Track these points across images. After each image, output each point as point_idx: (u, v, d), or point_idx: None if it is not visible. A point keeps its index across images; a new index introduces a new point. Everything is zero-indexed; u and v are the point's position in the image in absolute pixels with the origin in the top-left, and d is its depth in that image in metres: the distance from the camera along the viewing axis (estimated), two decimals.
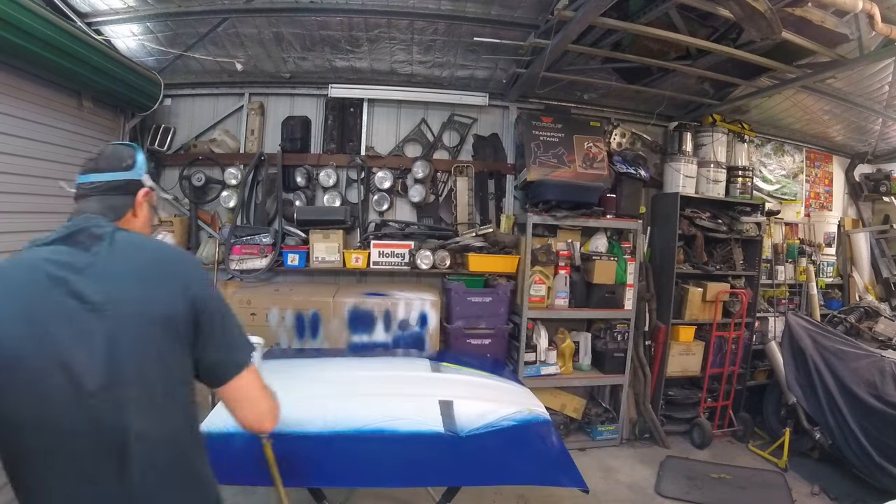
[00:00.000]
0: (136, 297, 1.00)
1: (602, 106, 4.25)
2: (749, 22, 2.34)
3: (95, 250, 1.01)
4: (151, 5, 2.97)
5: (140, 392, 0.99)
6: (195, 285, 1.08)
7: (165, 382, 1.03)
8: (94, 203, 1.13)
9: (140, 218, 1.20)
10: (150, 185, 1.23)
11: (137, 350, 0.98)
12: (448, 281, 3.69)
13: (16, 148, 2.55)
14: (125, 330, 0.97)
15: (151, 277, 1.04)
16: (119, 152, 1.21)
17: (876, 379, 3.03)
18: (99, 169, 1.17)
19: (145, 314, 0.99)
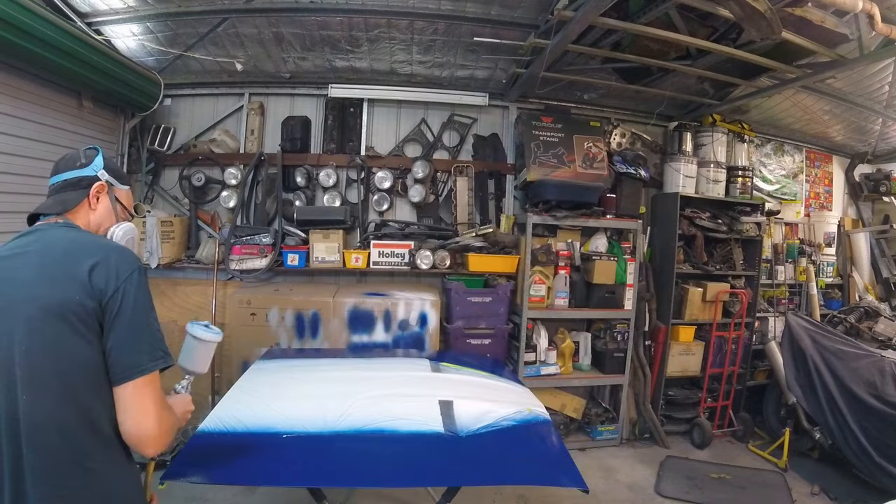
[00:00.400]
0: (30, 284, 1.05)
1: (602, 106, 4.25)
2: (749, 22, 2.34)
3: (28, 242, 1.12)
4: (151, 5, 2.97)
5: (28, 375, 1.02)
6: (104, 275, 1.07)
7: (57, 369, 1.03)
8: (50, 201, 1.26)
9: (98, 210, 1.30)
10: (106, 180, 1.31)
11: (25, 335, 1.02)
12: (448, 281, 3.69)
13: (16, 148, 2.55)
14: (16, 314, 1.03)
15: (55, 266, 1.07)
16: (76, 154, 1.31)
17: (876, 379, 3.03)
18: (58, 171, 1.29)
19: (37, 300, 1.03)
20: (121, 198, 1.37)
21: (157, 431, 1.10)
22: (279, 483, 1.65)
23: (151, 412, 1.09)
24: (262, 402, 2.02)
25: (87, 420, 1.06)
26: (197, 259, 3.65)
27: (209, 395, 3.46)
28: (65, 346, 1.03)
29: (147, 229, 3.45)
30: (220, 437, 1.77)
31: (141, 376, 1.08)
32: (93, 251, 1.11)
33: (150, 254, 3.47)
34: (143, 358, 1.10)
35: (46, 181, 1.30)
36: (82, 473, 1.05)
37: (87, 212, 1.28)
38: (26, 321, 1.02)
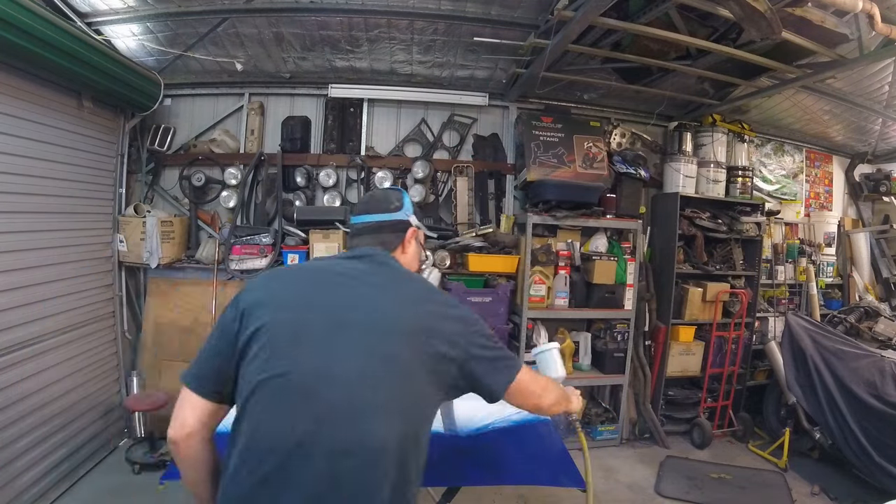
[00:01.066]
0: (394, 315, 1.07)
1: (602, 106, 4.25)
2: (749, 22, 2.34)
3: (377, 269, 1.16)
4: (151, 5, 2.97)
5: (384, 400, 1.00)
6: (456, 326, 1.11)
7: (407, 395, 1.03)
8: (367, 239, 1.28)
9: (409, 254, 1.31)
10: (416, 225, 1.34)
11: (386, 362, 1.02)
12: (448, 281, 3.68)
13: (16, 148, 2.55)
14: (378, 338, 1.03)
15: (419, 307, 1.11)
16: (387, 196, 1.35)
17: (876, 379, 3.03)
18: (369, 211, 1.31)
19: (402, 334, 1.05)
20: (422, 241, 1.42)
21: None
22: None
23: (535, 390, 1.29)
24: None
25: (420, 454, 1.07)
26: (197, 259, 3.65)
27: None
28: (415, 381, 1.04)
29: (147, 229, 3.45)
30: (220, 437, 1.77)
31: (515, 380, 1.19)
32: (440, 298, 1.18)
33: (150, 254, 3.47)
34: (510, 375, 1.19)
35: (46, 181, 1.29)
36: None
37: (400, 255, 1.29)
38: (386, 351, 1.02)
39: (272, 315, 1.03)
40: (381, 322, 1.04)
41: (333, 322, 1.03)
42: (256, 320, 1.03)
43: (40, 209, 2.76)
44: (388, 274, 1.17)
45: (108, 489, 2.91)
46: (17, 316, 2.58)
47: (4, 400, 2.47)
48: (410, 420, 1.02)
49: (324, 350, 1.00)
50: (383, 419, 0.97)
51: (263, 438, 0.96)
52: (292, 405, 0.96)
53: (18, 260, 2.59)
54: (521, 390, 1.21)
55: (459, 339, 1.09)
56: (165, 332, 3.64)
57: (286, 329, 1.02)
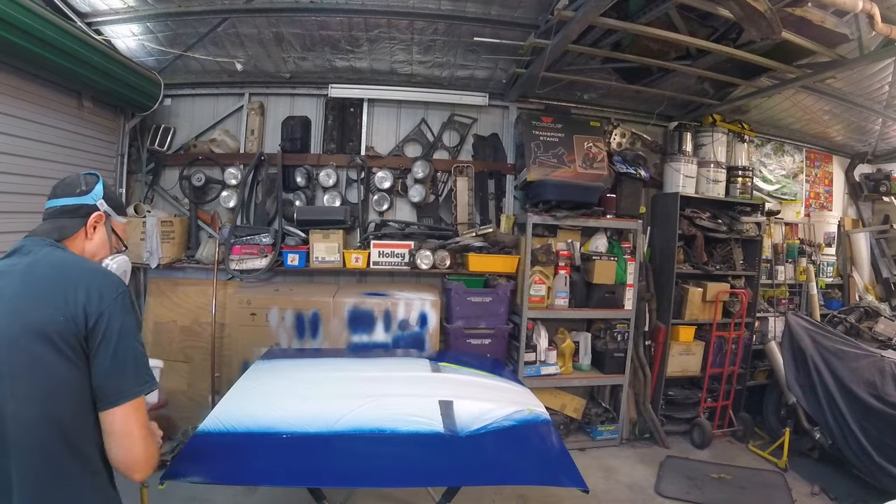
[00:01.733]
0: (13, 301, 1.04)
1: (602, 106, 4.25)
2: (749, 22, 2.34)
3: (14, 263, 1.12)
4: (151, 5, 2.97)
5: (11, 392, 1.00)
6: (88, 299, 1.06)
7: (39, 389, 1.01)
8: (46, 225, 1.26)
9: (95, 240, 1.30)
10: (104, 210, 1.31)
11: (7, 352, 1.01)
12: (448, 281, 3.69)
13: (16, 148, 2.55)
14: (8, 341, 1.01)
15: (39, 285, 1.07)
16: (75, 180, 1.31)
17: (876, 379, 3.03)
18: (55, 195, 1.29)
19: (20, 318, 1.02)
20: (117, 229, 1.38)
21: (144, 456, 1.09)
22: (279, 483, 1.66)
23: (138, 437, 1.08)
24: (262, 403, 2.02)
25: (68, 442, 1.03)
26: (197, 259, 3.65)
27: (209, 396, 3.45)
28: (47, 365, 1.01)
29: (147, 229, 3.45)
30: (220, 437, 1.77)
31: (127, 402, 1.07)
32: (78, 273, 1.11)
33: (150, 254, 3.47)
34: (129, 384, 1.08)
35: (46, 181, 1.31)
36: (61, 495, 1.03)
37: (82, 241, 1.28)
38: (8, 338, 1.01)
39: None
40: (12, 323, 1.02)
41: None
42: None
43: (40, 209, 2.74)
44: (33, 262, 1.12)
45: None
46: None
47: None
48: (45, 406, 1.01)
49: None
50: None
51: None
52: None
53: None
54: (127, 419, 1.07)
55: (90, 301, 1.05)
56: (165, 332, 3.64)
57: None
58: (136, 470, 1.09)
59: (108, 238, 1.34)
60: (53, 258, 1.15)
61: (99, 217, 1.30)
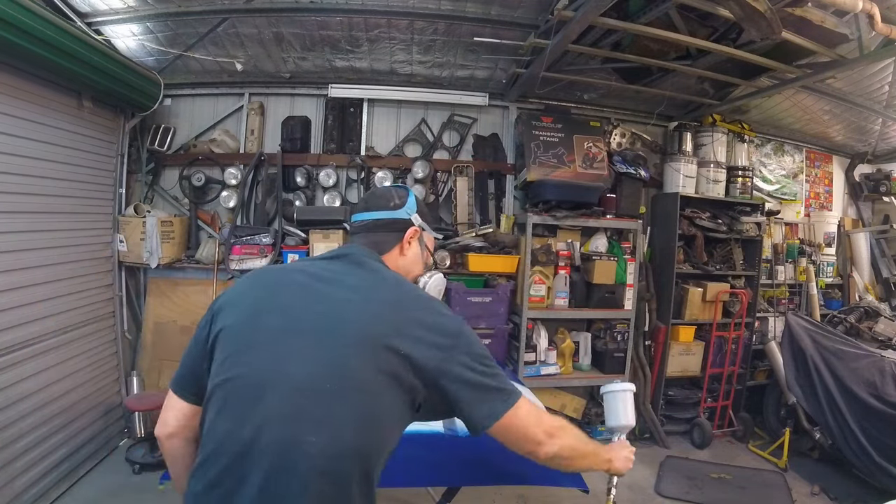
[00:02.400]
0: (361, 322, 0.98)
1: (602, 106, 4.25)
2: (749, 22, 2.34)
3: (352, 271, 1.08)
4: (151, 5, 2.97)
5: (324, 414, 0.92)
6: (432, 332, 1.00)
7: (359, 413, 0.94)
8: (360, 239, 1.22)
9: (408, 256, 1.24)
10: (419, 225, 1.26)
11: (340, 369, 0.94)
12: (448, 281, 3.68)
13: (16, 148, 2.55)
14: (339, 345, 0.95)
15: (389, 312, 1.00)
16: (388, 193, 1.27)
17: (876, 379, 3.03)
18: (368, 208, 1.25)
19: (366, 341, 0.95)
20: (428, 244, 1.32)
21: (544, 430, 1.10)
22: None
23: (531, 427, 1.09)
24: None
25: (364, 485, 0.96)
26: (197, 259, 3.65)
27: None
28: (376, 395, 0.95)
29: (147, 229, 3.45)
30: None
31: (502, 417, 1.05)
32: (423, 303, 1.05)
33: (150, 254, 3.47)
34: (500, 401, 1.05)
35: (46, 181, 1.28)
36: None
37: (396, 256, 1.22)
38: (342, 359, 0.94)
39: (233, 318, 1.02)
40: (339, 328, 0.96)
41: (289, 326, 0.98)
42: (220, 322, 1.02)
43: (40, 209, 2.75)
44: (363, 276, 1.07)
45: (107, 489, 2.91)
46: (17, 316, 2.57)
47: (4, 400, 2.47)
48: (359, 436, 0.93)
49: (275, 355, 0.95)
50: (320, 433, 0.90)
51: (213, 441, 0.94)
52: (241, 409, 0.93)
53: (18, 260, 2.59)
54: (513, 429, 1.06)
55: (433, 350, 0.97)
56: (165, 332, 3.64)
57: (242, 332, 1.00)
58: (544, 443, 1.09)
59: (422, 253, 1.28)
60: (397, 283, 1.10)
61: (415, 232, 1.25)
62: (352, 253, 1.13)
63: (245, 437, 0.90)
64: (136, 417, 3.40)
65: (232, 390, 0.96)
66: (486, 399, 1.03)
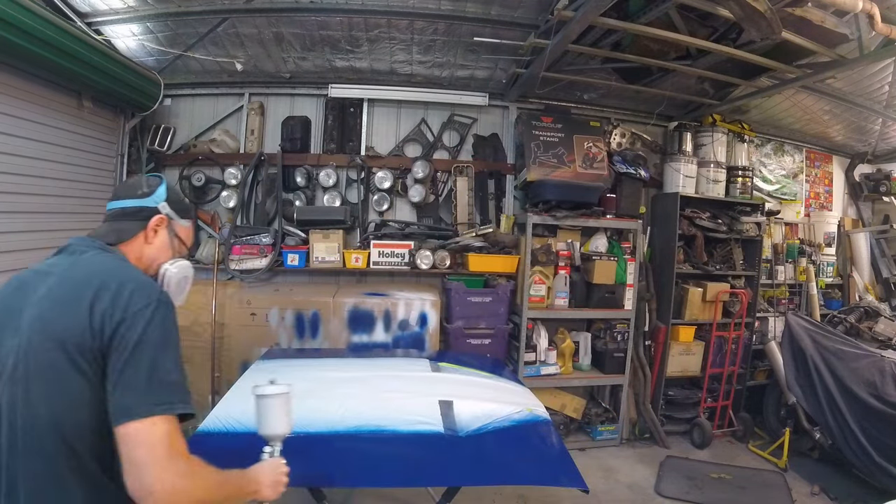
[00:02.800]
0: (42, 308, 0.99)
1: (602, 106, 4.25)
2: (749, 22, 2.34)
3: (56, 263, 1.09)
4: (151, 5, 2.97)
5: (24, 398, 0.95)
6: (114, 307, 0.97)
7: (47, 399, 0.94)
8: (104, 227, 1.21)
9: (155, 244, 1.25)
10: (166, 213, 1.26)
11: (24, 356, 0.96)
12: (448, 281, 3.68)
13: (16, 148, 2.55)
14: (24, 333, 0.98)
15: (68, 295, 1.00)
16: (138, 181, 1.28)
17: (876, 379, 3.03)
18: (116, 196, 1.25)
19: (41, 323, 0.98)
20: (180, 233, 1.32)
21: (159, 489, 0.91)
22: None
23: (147, 465, 0.91)
24: None
25: (72, 460, 0.95)
26: (197, 259, 3.65)
27: (209, 396, 3.45)
28: (60, 374, 0.95)
29: None
30: (220, 438, 1.77)
31: (130, 421, 0.92)
32: (112, 279, 1.02)
33: None
34: (137, 400, 0.94)
35: (46, 181, 1.30)
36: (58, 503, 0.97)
37: (141, 244, 1.22)
38: (28, 342, 0.97)
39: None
40: (35, 324, 0.98)
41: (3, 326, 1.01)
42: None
43: (40, 209, 2.75)
44: (72, 264, 1.07)
45: None
46: None
47: None
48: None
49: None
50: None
51: None
52: None
53: (18, 260, 2.58)
54: (134, 441, 0.92)
55: (113, 310, 0.97)
56: None
57: None
58: (150, 500, 0.92)
59: (171, 242, 1.29)
60: (94, 262, 1.09)
61: (160, 220, 1.25)
62: (70, 244, 1.14)
63: None
64: None
65: None
66: (140, 386, 0.97)
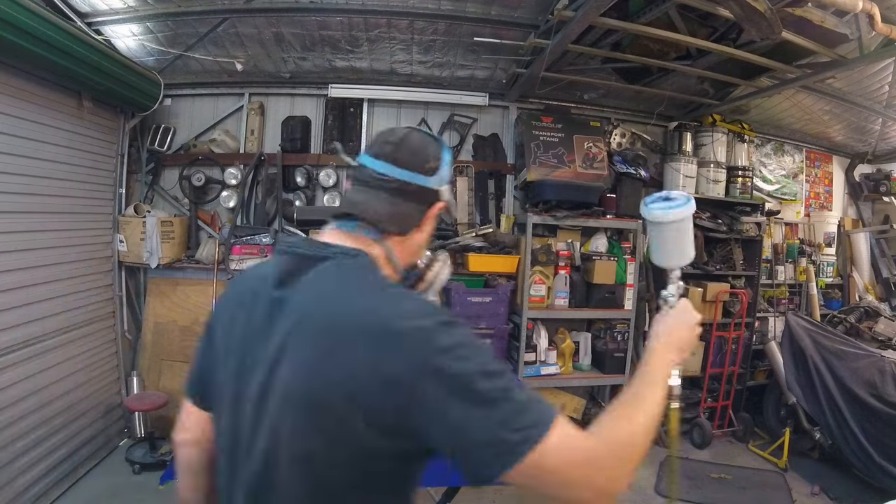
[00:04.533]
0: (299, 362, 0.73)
1: (602, 106, 4.25)
2: (749, 22, 2.34)
3: (299, 275, 0.84)
4: (151, 5, 2.96)
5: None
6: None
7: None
8: (375, 203, 0.87)
9: (416, 239, 0.92)
10: (447, 200, 0.94)
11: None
12: (448, 281, 3.68)
13: (16, 148, 2.55)
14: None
15: (327, 346, 0.72)
16: (426, 147, 0.93)
17: (876, 379, 3.03)
18: (397, 161, 0.87)
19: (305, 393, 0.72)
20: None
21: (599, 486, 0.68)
22: None
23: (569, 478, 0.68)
24: None
25: None
26: (197, 259, 3.65)
27: None
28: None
29: (147, 229, 3.45)
30: None
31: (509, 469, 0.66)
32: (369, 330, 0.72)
33: (150, 254, 3.47)
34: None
35: (46, 181, 1.25)
36: None
37: (398, 241, 0.89)
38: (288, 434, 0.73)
39: (215, 339, 0.92)
40: (281, 388, 0.73)
41: (238, 380, 0.81)
42: (211, 334, 0.94)
43: (40, 209, 2.76)
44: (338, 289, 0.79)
45: (107, 489, 2.91)
46: (17, 316, 2.57)
47: (4, 400, 2.47)
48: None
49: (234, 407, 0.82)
50: None
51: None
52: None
53: (18, 260, 2.59)
54: (545, 471, 0.66)
55: (415, 357, 0.68)
56: (165, 332, 3.64)
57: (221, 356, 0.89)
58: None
59: (428, 239, 0.97)
60: (353, 288, 0.79)
61: (440, 208, 0.94)
62: (347, 253, 0.87)
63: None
64: (136, 417, 3.40)
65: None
66: (498, 425, 0.69)
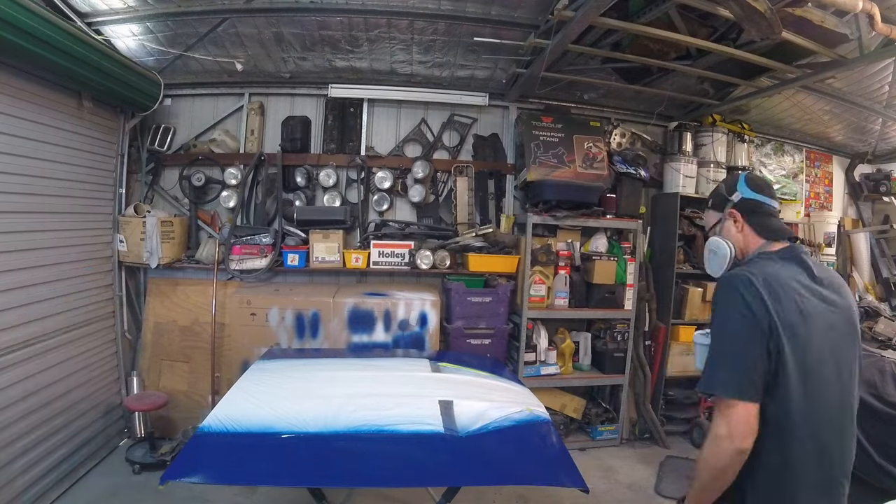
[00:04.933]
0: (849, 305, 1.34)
1: (602, 106, 4.25)
2: (749, 22, 2.34)
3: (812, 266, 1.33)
4: (151, 5, 2.97)
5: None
6: None
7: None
8: (781, 224, 1.46)
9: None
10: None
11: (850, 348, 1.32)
12: (448, 281, 3.69)
13: (16, 148, 2.55)
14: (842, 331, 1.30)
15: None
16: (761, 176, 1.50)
17: (876, 379, 3.03)
18: (765, 192, 1.47)
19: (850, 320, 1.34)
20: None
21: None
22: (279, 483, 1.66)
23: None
24: (262, 403, 2.02)
25: None
26: (197, 259, 3.65)
27: (209, 396, 3.46)
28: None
29: (147, 229, 3.45)
30: (221, 437, 1.77)
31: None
32: None
33: (150, 254, 3.47)
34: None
35: (46, 181, 1.27)
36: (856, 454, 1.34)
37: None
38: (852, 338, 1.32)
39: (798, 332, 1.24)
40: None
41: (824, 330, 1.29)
42: (789, 332, 1.22)
43: (40, 209, 2.75)
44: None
45: (107, 489, 2.91)
46: (17, 316, 2.57)
47: (4, 400, 2.47)
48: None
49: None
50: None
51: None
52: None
53: (18, 260, 2.59)
54: None
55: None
56: (165, 332, 3.64)
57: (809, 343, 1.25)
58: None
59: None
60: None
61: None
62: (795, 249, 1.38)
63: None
64: (136, 417, 3.40)
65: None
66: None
